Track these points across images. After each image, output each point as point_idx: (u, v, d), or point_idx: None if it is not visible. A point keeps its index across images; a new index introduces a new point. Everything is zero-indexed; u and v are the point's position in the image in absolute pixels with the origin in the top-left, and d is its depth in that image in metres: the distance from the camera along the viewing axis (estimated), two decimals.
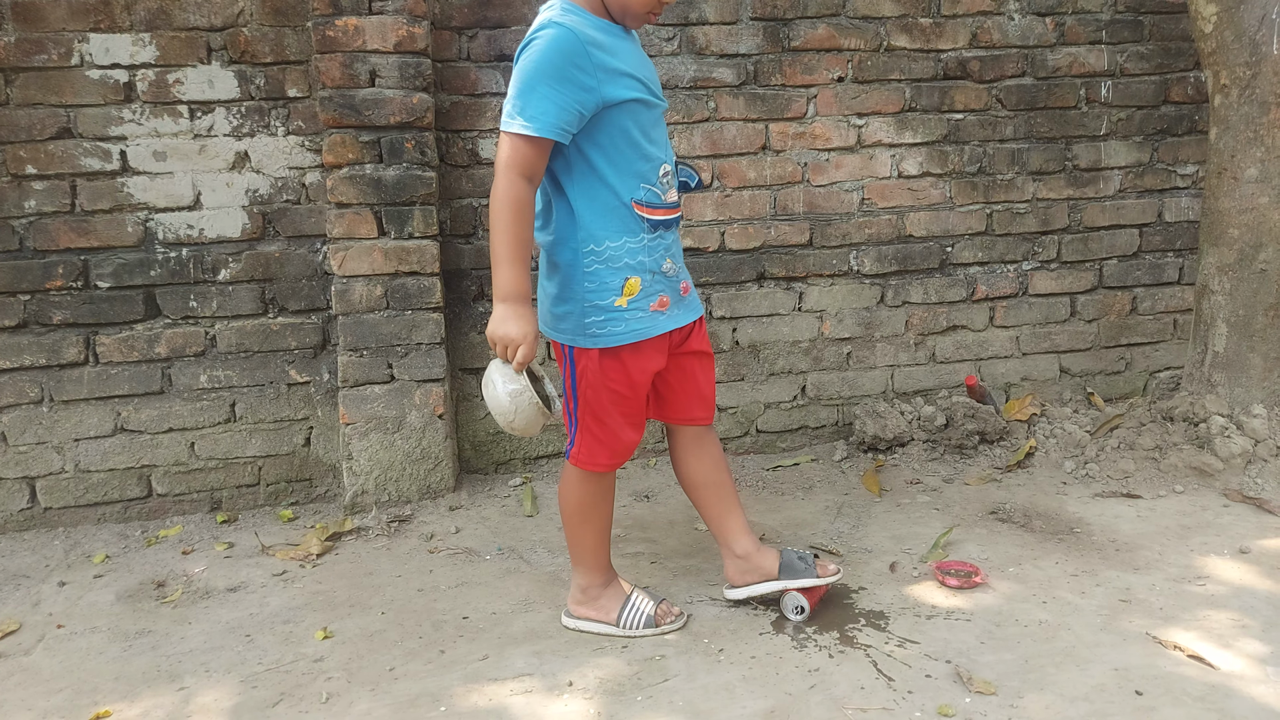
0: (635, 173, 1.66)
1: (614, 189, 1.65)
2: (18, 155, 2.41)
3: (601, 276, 1.66)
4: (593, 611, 1.85)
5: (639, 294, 1.68)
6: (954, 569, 2.01)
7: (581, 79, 1.56)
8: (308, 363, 2.62)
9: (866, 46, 2.82)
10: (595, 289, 1.66)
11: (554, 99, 1.55)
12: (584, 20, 1.60)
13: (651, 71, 1.73)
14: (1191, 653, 1.67)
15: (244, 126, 2.52)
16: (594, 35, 1.59)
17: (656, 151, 1.70)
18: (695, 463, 1.89)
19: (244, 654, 1.83)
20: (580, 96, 1.57)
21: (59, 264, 2.46)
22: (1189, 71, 3.02)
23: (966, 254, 2.97)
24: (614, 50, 1.62)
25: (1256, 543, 2.12)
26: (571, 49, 1.55)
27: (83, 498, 2.53)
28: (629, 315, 1.68)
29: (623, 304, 1.68)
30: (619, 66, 1.61)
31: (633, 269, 1.67)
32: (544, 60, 1.55)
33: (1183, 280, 3.12)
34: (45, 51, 2.40)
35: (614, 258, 1.66)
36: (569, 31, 1.55)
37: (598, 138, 1.62)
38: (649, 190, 1.68)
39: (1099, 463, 2.58)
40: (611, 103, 1.60)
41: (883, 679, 1.63)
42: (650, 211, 1.68)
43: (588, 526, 1.84)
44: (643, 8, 1.62)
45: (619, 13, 1.64)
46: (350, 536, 2.39)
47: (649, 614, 1.82)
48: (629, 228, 1.67)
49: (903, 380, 2.99)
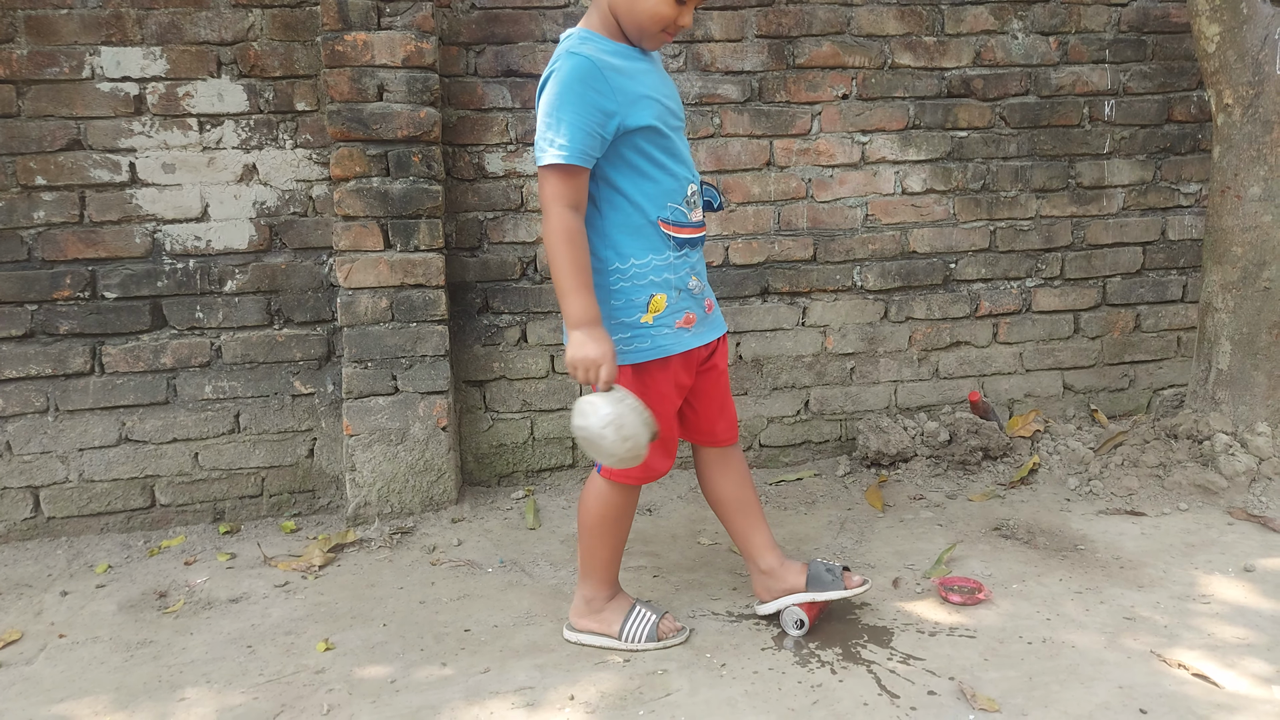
0: (662, 191, 1.69)
1: (641, 208, 1.68)
2: (28, 166, 2.43)
3: (628, 294, 1.69)
4: (595, 624, 1.85)
5: (665, 310, 1.71)
6: (957, 585, 2.00)
7: (602, 104, 1.60)
8: (312, 374, 2.63)
9: (871, 64, 2.83)
10: (622, 306, 1.69)
11: (579, 125, 1.59)
12: (601, 47, 1.64)
13: (672, 91, 1.76)
14: (1196, 671, 1.67)
15: (252, 139, 2.54)
16: (611, 61, 1.63)
17: (682, 170, 1.73)
18: (722, 479, 1.91)
19: (245, 665, 1.83)
20: (602, 121, 1.60)
21: (67, 274, 2.47)
22: (1192, 91, 3.03)
23: (970, 270, 2.98)
24: (632, 74, 1.65)
25: (1261, 561, 2.11)
26: (590, 76, 1.59)
27: (86, 507, 2.53)
28: (654, 332, 1.71)
29: (649, 320, 1.70)
30: (638, 90, 1.65)
31: (659, 286, 1.70)
32: (565, 90, 1.59)
33: (1186, 298, 3.12)
34: (57, 64, 2.42)
35: (640, 275, 1.69)
36: (586, 59, 1.60)
37: (624, 158, 1.66)
38: (675, 209, 1.72)
39: (1103, 480, 2.58)
40: (633, 126, 1.64)
41: (886, 695, 1.63)
42: (677, 230, 1.71)
43: (605, 540, 1.84)
44: (655, 28, 1.65)
45: (635, 36, 1.68)
46: (352, 548, 2.39)
47: (651, 627, 1.82)
48: (655, 246, 1.70)
49: (906, 396, 2.99)
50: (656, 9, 1.62)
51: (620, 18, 1.66)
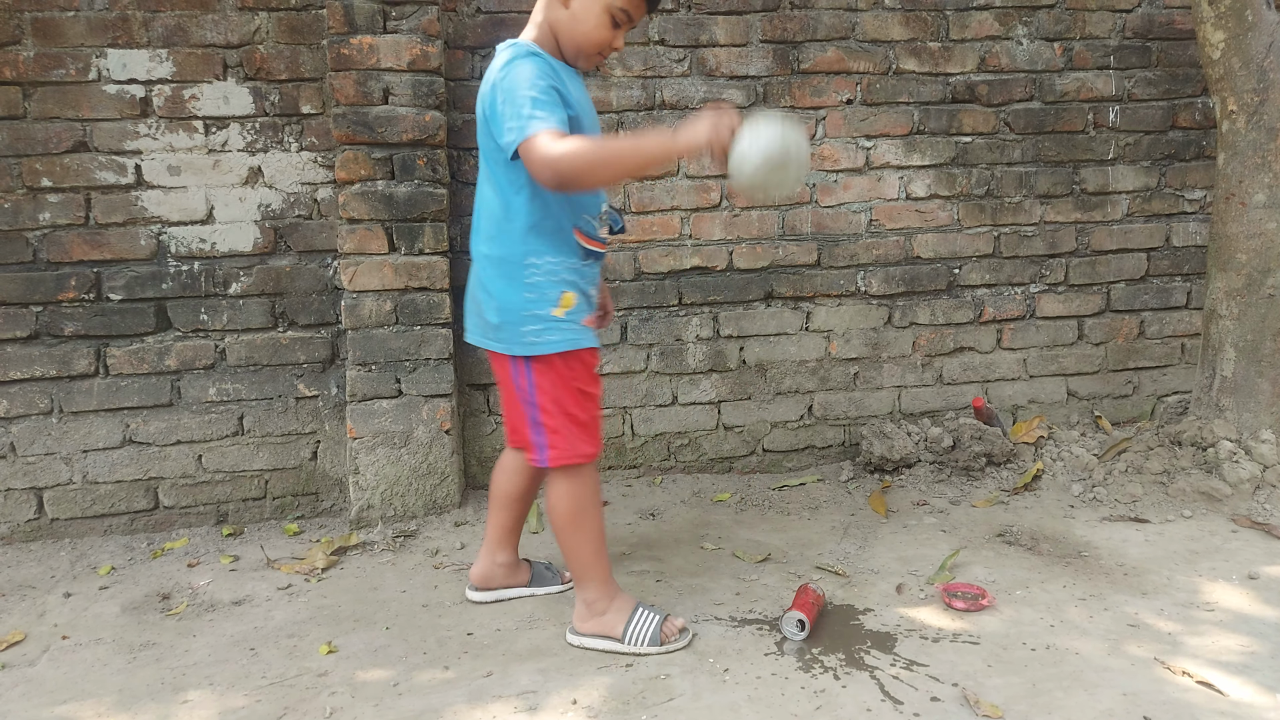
0: (580, 204, 1.79)
1: (561, 212, 1.77)
2: (34, 168, 2.44)
3: (541, 288, 1.76)
4: (598, 626, 1.85)
5: (574, 308, 1.79)
6: (961, 591, 2.00)
7: (563, 95, 1.69)
8: (316, 377, 2.63)
9: (875, 69, 2.84)
10: (535, 299, 1.76)
11: (552, 102, 1.65)
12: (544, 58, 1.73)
13: (594, 115, 1.86)
14: (1200, 679, 1.66)
15: (258, 142, 2.55)
16: (558, 73, 1.72)
17: (598, 189, 1.83)
18: (522, 477, 2.02)
19: (248, 668, 1.83)
20: (564, 110, 1.68)
21: (72, 276, 2.48)
22: (1196, 97, 3.03)
23: (974, 276, 2.98)
24: (569, 90, 1.74)
25: (1265, 569, 2.11)
26: (549, 72, 1.69)
27: (90, 509, 2.54)
28: (565, 325, 1.78)
29: (560, 314, 1.78)
30: (572, 104, 1.73)
31: (569, 284, 1.79)
32: (533, 76, 1.65)
33: (1190, 304, 3.12)
34: (63, 66, 2.43)
35: (553, 271, 1.77)
36: (544, 59, 1.71)
37: None
38: (588, 221, 1.81)
39: (1106, 486, 2.57)
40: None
41: (889, 701, 1.62)
42: (587, 241, 1.81)
43: (583, 534, 1.85)
44: (593, 50, 1.75)
45: (572, 55, 1.77)
46: (356, 551, 2.39)
47: (655, 629, 1.82)
48: (568, 250, 1.79)
49: (910, 401, 2.98)
50: (595, 32, 1.72)
51: (560, 37, 1.76)
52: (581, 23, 1.72)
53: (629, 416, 2.83)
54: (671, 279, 2.80)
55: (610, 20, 1.72)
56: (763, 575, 2.17)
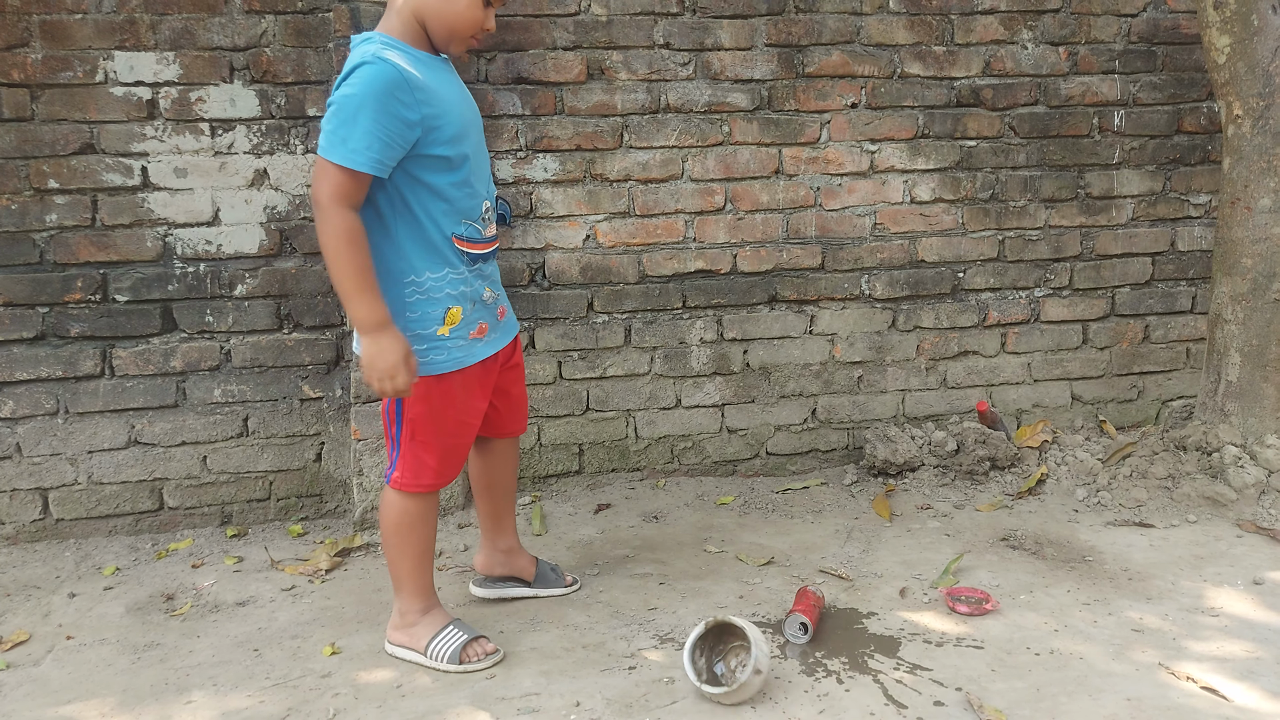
0: (457, 210, 1.71)
1: (436, 224, 1.69)
2: (40, 170, 2.45)
3: (423, 307, 1.70)
4: (406, 638, 1.84)
5: (460, 323, 1.73)
6: (965, 596, 2.00)
7: (404, 114, 1.58)
8: (321, 378, 2.64)
9: (880, 73, 2.84)
10: (418, 319, 1.70)
11: (376, 133, 1.56)
12: (404, 55, 1.62)
13: (471, 105, 1.76)
14: (1204, 684, 1.66)
15: (264, 144, 2.55)
16: (415, 73, 1.61)
17: (479, 187, 1.75)
18: (500, 465, 2.02)
19: (252, 668, 1.83)
20: (402, 132, 1.59)
21: (78, 277, 2.49)
22: (1202, 102, 3.03)
23: (978, 280, 2.97)
24: (435, 86, 1.65)
25: (1270, 574, 2.10)
26: (396, 86, 1.57)
27: (95, 509, 2.54)
28: (450, 344, 1.73)
29: (445, 333, 1.72)
30: (440, 105, 1.64)
31: (454, 299, 1.72)
32: (367, 93, 1.55)
33: (1195, 309, 3.11)
34: (71, 69, 2.44)
35: (435, 288, 1.70)
36: (394, 68, 1.58)
37: (419, 176, 1.65)
38: (470, 225, 1.73)
39: (1111, 491, 2.57)
40: (432, 142, 1.63)
41: (893, 705, 1.62)
42: (471, 246, 1.74)
43: (406, 550, 1.82)
44: (468, 31, 1.68)
45: (444, 41, 1.69)
46: (359, 552, 2.39)
47: (456, 648, 1.79)
48: (449, 261, 1.71)
49: (914, 405, 2.98)
50: (467, 12, 1.65)
51: (428, 22, 1.66)
52: (453, 4, 1.64)
53: (633, 419, 2.83)
54: (675, 282, 2.81)
55: (480, 1, 1.66)
56: (766, 578, 2.17)
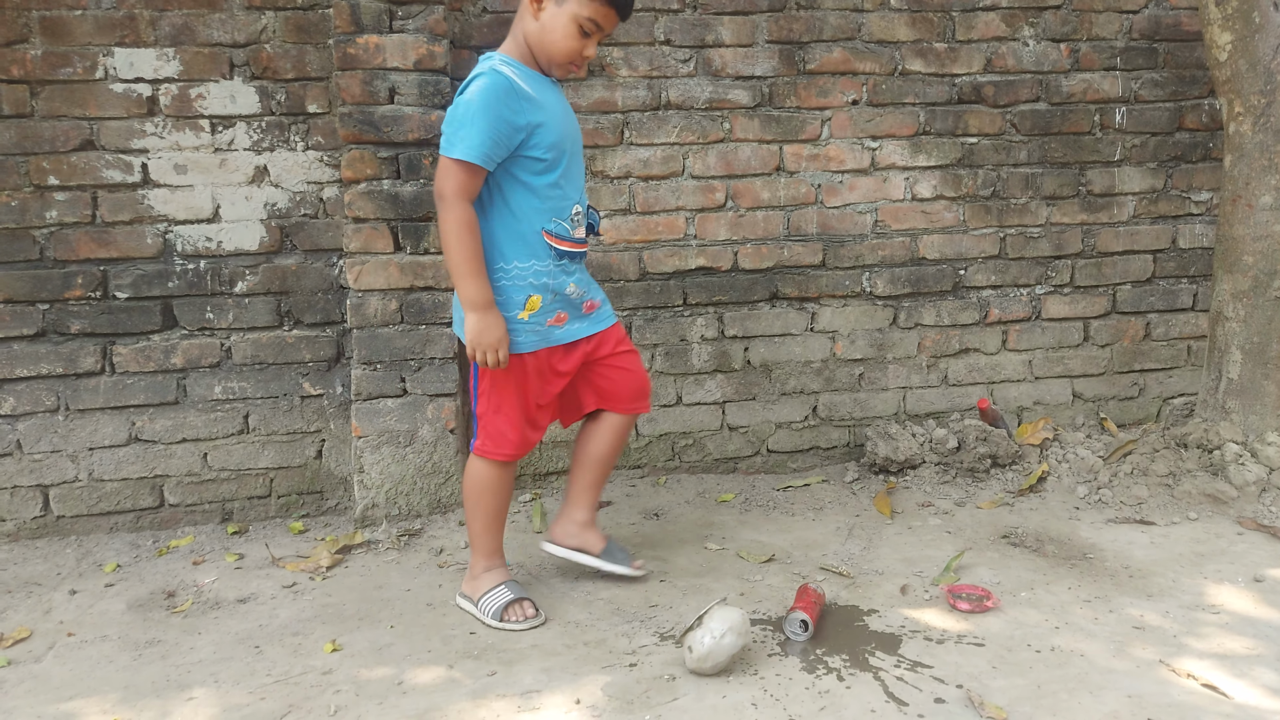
0: (547, 208, 1.88)
1: (527, 218, 1.87)
2: (40, 166, 2.45)
3: (508, 292, 1.88)
4: (469, 589, 2.03)
5: (539, 310, 1.90)
6: (965, 593, 2.00)
7: (512, 118, 1.79)
8: (321, 375, 2.64)
9: (881, 70, 2.83)
10: (501, 302, 1.87)
11: (488, 132, 1.77)
12: (516, 70, 1.84)
13: (572, 119, 1.96)
14: (1205, 682, 1.66)
15: (264, 141, 2.55)
16: (524, 86, 1.82)
17: (570, 192, 1.92)
18: (597, 441, 2.11)
19: (253, 665, 1.83)
20: (509, 133, 1.80)
21: (78, 274, 2.49)
22: (1203, 99, 3.02)
23: (979, 277, 2.97)
24: (540, 101, 1.84)
25: (1271, 572, 2.10)
26: (505, 92, 1.78)
27: (95, 506, 2.54)
28: (527, 327, 1.90)
29: (524, 317, 1.89)
30: (542, 116, 1.84)
31: (536, 288, 1.89)
32: (484, 99, 1.77)
33: (1197, 306, 3.11)
34: (71, 65, 2.43)
35: (520, 276, 1.88)
36: (502, 77, 1.79)
37: (516, 173, 1.85)
38: (559, 224, 1.91)
39: (1112, 488, 2.57)
40: (531, 146, 1.83)
41: (893, 703, 1.62)
42: (558, 242, 1.90)
43: (478, 511, 2.02)
44: (564, 59, 1.85)
45: (545, 65, 1.88)
46: (360, 550, 2.39)
47: (499, 606, 1.96)
48: (537, 253, 1.89)
49: (914, 402, 2.98)
50: (563, 42, 1.82)
51: (533, 48, 1.86)
52: (550, 33, 1.82)
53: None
54: (676, 279, 2.81)
55: (578, 30, 1.81)
56: (767, 576, 2.17)
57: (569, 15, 1.79)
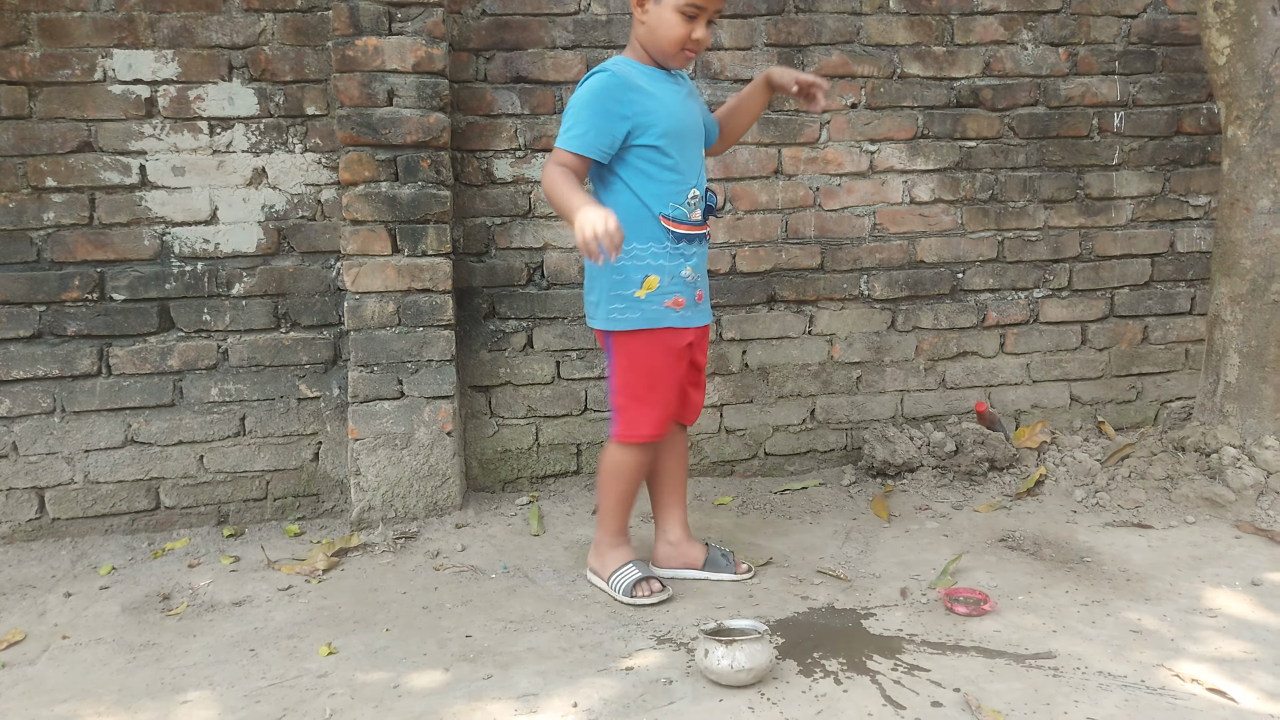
0: (664, 192, 1.97)
1: (644, 202, 1.96)
2: (38, 168, 2.44)
3: (626, 271, 1.96)
4: (598, 565, 2.12)
5: (657, 289, 1.97)
6: (963, 596, 1.99)
7: (617, 110, 1.90)
8: (318, 378, 2.63)
9: (880, 74, 2.84)
10: (620, 280, 1.96)
11: (593, 124, 1.90)
12: (631, 68, 1.95)
13: (692, 108, 2.04)
14: (1203, 685, 1.66)
15: (262, 143, 2.55)
16: (637, 80, 1.93)
17: (686, 178, 2.00)
18: (671, 453, 2.18)
19: (248, 668, 1.83)
20: (615, 123, 1.91)
21: (75, 276, 2.48)
22: (1201, 103, 3.03)
23: (977, 280, 2.97)
24: (654, 93, 1.94)
25: (1268, 575, 2.10)
26: (612, 88, 1.91)
27: (91, 509, 2.54)
28: (645, 306, 1.97)
29: (641, 295, 1.96)
30: (654, 106, 1.93)
31: (653, 269, 1.97)
32: (585, 95, 1.92)
33: (1195, 310, 3.11)
34: (69, 66, 2.43)
35: (639, 257, 1.96)
36: (612, 74, 1.92)
37: (632, 160, 1.95)
38: (676, 208, 1.99)
39: (1109, 492, 2.57)
40: (643, 134, 1.93)
41: (890, 706, 1.62)
42: (676, 225, 1.98)
43: (610, 491, 2.10)
44: (674, 48, 1.93)
45: (660, 58, 1.98)
46: (356, 552, 2.39)
47: (629, 583, 2.04)
48: (655, 235, 1.97)
49: (912, 405, 2.98)
50: (670, 32, 1.90)
51: (646, 46, 1.97)
52: (657, 28, 1.92)
53: None
54: None
55: (681, 17, 1.89)
56: (764, 579, 2.16)
57: (670, 6, 1.89)
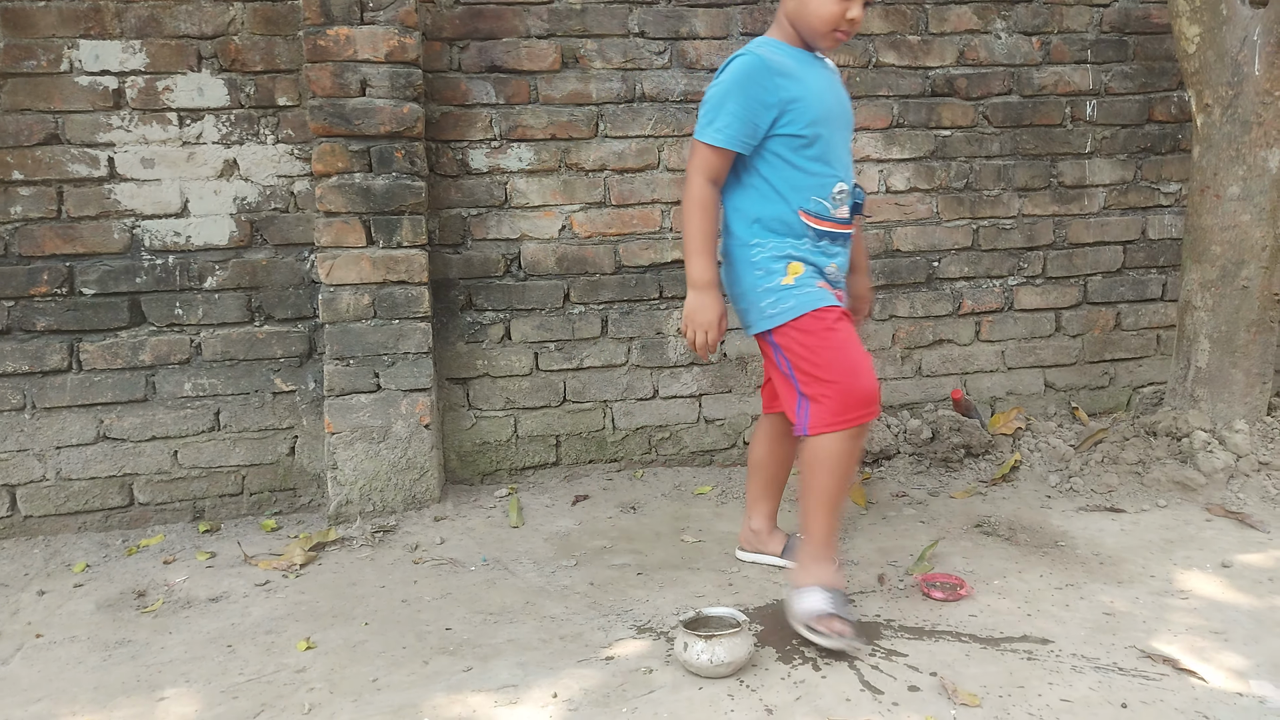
0: (805, 185, 1.84)
1: (784, 196, 1.83)
2: (4, 161, 2.40)
3: (767, 264, 1.84)
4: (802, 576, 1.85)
5: (804, 274, 1.84)
6: (939, 582, 2.01)
7: (764, 97, 1.77)
8: (293, 371, 2.61)
9: (855, 63, 2.84)
10: (763, 275, 1.84)
11: (738, 114, 1.77)
12: (776, 50, 1.82)
13: (840, 97, 1.92)
14: (1175, 665, 1.68)
15: (233, 134, 2.52)
16: (782, 63, 1.80)
17: (832, 170, 1.86)
18: (773, 447, 2.11)
19: (225, 664, 1.81)
20: (761, 112, 1.78)
21: (44, 270, 2.45)
22: (1172, 91, 3.06)
23: (953, 269, 2.99)
24: (800, 76, 1.81)
25: (1238, 557, 2.13)
26: (757, 72, 1.77)
27: (63, 506, 2.51)
28: (798, 289, 1.82)
29: (789, 281, 1.83)
30: (801, 90, 1.80)
31: (794, 258, 1.84)
32: (732, 82, 1.78)
33: (1166, 297, 3.15)
34: (34, 57, 2.39)
35: (778, 249, 1.84)
36: (757, 58, 1.78)
37: (774, 151, 1.82)
38: (819, 203, 1.85)
39: (1083, 477, 2.60)
40: (787, 122, 1.80)
41: (869, 691, 1.63)
42: (817, 222, 1.86)
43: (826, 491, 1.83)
44: (825, 27, 1.80)
45: (809, 38, 1.84)
46: (334, 546, 2.37)
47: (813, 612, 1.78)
48: (794, 231, 1.84)
49: (889, 394, 3.00)
50: (822, 9, 1.77)
51: (794, 24, 1.83)
52: (805, 4, 1.79)
53: (610, 410, 2.83)
54: (652, 272, 2.80)
55: None
56: (744, 568, 2.17)
57: None
